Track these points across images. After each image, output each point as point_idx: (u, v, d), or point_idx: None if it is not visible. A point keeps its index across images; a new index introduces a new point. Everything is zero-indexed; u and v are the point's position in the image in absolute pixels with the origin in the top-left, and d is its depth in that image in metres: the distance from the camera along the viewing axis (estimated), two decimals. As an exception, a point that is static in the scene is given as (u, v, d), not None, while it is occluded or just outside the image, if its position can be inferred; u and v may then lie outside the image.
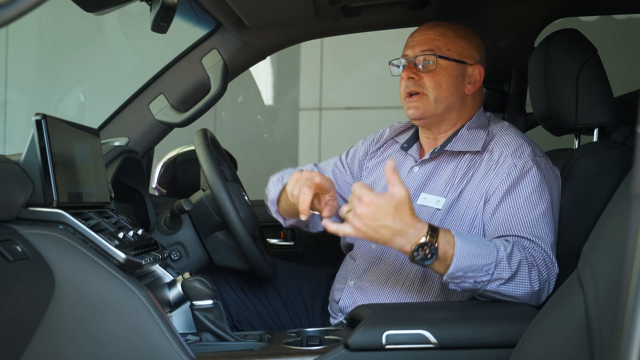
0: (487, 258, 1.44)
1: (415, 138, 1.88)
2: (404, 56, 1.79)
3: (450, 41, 1.75)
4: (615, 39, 3.94)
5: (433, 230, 1.43)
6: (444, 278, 1.45)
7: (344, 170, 1.99)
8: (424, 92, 1.73)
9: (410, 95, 1.75)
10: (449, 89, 1.73)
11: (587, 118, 1.72)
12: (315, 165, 2.07)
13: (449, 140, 1.76)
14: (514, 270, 1.46)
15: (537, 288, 1.49)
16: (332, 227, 1.47)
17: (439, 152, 1.76)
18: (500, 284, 1.46)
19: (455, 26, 1.78)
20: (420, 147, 1.86)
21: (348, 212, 1.44)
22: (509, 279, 1.46)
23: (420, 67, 1.74)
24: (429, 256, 1.41)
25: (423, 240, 1.41)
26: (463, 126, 1.77)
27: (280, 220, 1.95)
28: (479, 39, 1.81)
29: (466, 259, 1.43)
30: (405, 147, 1.86)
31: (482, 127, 1.76)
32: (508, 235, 1.56)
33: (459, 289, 1.48)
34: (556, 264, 1.53)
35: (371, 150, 1.97)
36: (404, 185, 1.44)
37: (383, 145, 1.96)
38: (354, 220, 1.43)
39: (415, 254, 1.41)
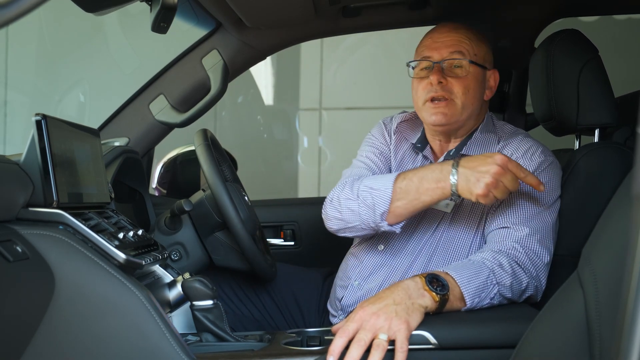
0: (483, 272, 1.46)
1: (426, 138, 1.81)
2: (425, 58, 1.69)
3: (476, 45, 1.69)
4: (616, 40, 3.94)
5: (424, 275, 1.41)
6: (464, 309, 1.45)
7: (387, 149, 1.86)
8: (451, 98, 1.66)
9: (433, 100, 1.67)
10: (475, 94, 1.68)
11: (588, 118, 1.72)
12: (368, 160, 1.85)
13: (463, 143, 1.73)
14: (509, 272, 1.48)
15: (541, 285, 1.52)
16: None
17: (454, 156, 1.70)
18: (507, 289, 1.48)
19: (473, 29, 1.73)
20: (431, 148, 1.80)
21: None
22: (512, 282, 1.48)
23: (447, 71, 1.66)
24: (442, 283, 1.40)
25: (424, 279, 1.39)
26: (476, 130, 1.74)
27: (396, 228, 1.63)
28: (489, 43, 1.77)
29: (470, 282, 1.43)
30: (420, 148, 1.79)
31: (492, 131, 1.74)
32: (504, 227, 1.57)
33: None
34: (544, 256, 1.54)
35: (390, 140, 1.86)
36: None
37: (395, 138, 1.85)
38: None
39: (432, 288, 1.37)
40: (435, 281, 1.39)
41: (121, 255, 1.41)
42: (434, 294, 1.37)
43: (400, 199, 1.57)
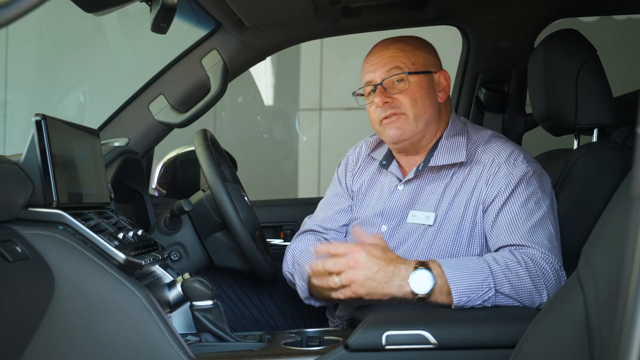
0: (481, 273, 1.45)
1: (392, 154, 1.81)
2: (367, 83, 1.72)
3: (411, 55, 1.70)
4: (615, 40, 3.94)
5: (421, 263, 1.48)
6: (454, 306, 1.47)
7: (348, 198, 1.90)
8: (401, 112, 1.67)
9: (387, 118, 1.68)
10: (425, 102, 1.68)
11: (587, 118, 1.72)
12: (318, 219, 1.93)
13: (430, 154, 1.71)
14: (513, 282, 1.46)
15: (544, 298, 1.48)
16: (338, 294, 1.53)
17: (423, 171, 1.70)
18: (506, 296, 1.46)
19: (408, 38, 1.75)
20: (398, 163, 1.79)
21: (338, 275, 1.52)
22: (513, 291, 1.46)
23: (390, 88, 1.68)
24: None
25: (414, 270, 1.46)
26: (442, 137, 1.72)
27: (314, 303, 1.79)
28: (431, 44, 1.78)
29: (462, 280, 1.44)
30: (385, 165, 1.79)
31: (460, 134, 1.72)
32: (509, 245, 1.54)
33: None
34: (563, 270, 1.52)
35: (354, 173, 1.89)
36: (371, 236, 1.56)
37: (362, 164, 1.88)
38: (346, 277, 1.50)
39: (413, 283, 1.45)
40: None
41: (121, 256, 1.41)
42: (409, 289, 1.46)
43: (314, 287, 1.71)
